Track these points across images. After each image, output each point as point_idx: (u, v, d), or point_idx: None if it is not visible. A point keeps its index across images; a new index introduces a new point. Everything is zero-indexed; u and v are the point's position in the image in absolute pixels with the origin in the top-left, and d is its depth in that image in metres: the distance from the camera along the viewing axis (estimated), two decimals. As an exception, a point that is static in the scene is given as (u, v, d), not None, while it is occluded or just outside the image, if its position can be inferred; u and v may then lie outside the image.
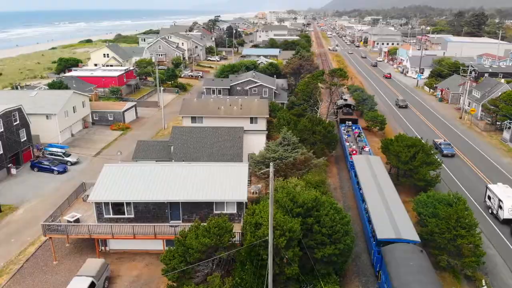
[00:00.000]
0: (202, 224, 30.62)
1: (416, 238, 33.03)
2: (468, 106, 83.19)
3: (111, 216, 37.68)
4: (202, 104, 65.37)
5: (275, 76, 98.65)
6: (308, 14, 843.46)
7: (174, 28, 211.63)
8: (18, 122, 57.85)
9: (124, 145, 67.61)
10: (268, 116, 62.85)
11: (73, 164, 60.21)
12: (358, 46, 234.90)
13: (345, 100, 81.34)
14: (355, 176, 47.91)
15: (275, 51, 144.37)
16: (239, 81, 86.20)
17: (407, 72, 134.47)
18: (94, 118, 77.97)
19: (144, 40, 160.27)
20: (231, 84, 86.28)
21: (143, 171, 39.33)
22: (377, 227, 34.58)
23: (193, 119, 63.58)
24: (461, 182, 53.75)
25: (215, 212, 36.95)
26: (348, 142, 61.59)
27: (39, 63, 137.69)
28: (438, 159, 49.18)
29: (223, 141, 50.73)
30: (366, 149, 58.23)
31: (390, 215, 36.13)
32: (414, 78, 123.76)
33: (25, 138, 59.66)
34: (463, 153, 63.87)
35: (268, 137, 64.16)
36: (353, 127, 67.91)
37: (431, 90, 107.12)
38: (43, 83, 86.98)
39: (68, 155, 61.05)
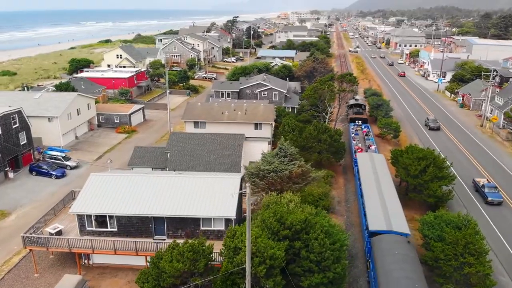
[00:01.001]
0: (184, 242, 28.17)
1: (407, 230, 34.25)
2: (490, 113, 78.41)
3: (94, 229, 35.78)
4: (206, 109, 63.25)
5: (287, 79, 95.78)
6: (331, 14, 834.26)
7: (193, 29, 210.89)
8: (17, 125, 56.82)
9: (127, 149, 65.91)
10: (273, 122, 60.26)
11: (72, 168, 58.89)
12: (379, 48, 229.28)
13: (356, 100, 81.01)
14: (358, 172, 48.18)
15: (291, 53, 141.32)
16: (249, 84, 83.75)
17: (428, 75, 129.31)
18: (100, 121, 76.82)
19: (161, 41, 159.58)
20: (240, 87, 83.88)
21: (130, 182, 37.27)
22: (370, 219, 36.19)
23: (196, 124, 61.66)
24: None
25: (202, 228, 34.64)
26: (355, 140, 62.04)
27: (56, 63, 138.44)
28: (452, 173, 45.42)
29: (222, 149, 48.35)
30: (372, 147, 58.60)
31: (384, 208, 37.59)
32: (435, 82, 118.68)
33: (25, 141, 58.62)
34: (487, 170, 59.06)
35: (275, 144, 61.54)
36: (363, 126, 68.25)
37: (452, 95, 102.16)
38: (55, 84, 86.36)
39: (68, 159, 59.79)
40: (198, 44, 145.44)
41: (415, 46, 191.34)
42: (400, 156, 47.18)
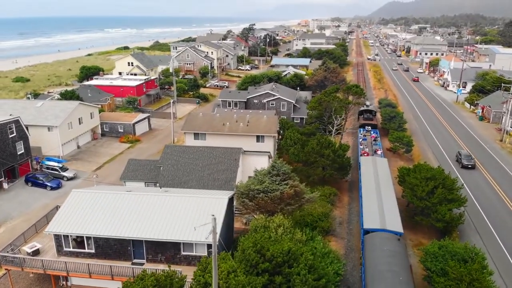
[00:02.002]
0: (150, 274, 25.63)
1: (400, 229, 35.83)
2: (511, 127, 73.78)
3: (71, 249, 33.74)
4: (207, 120, 61.01)
5: (298, 88, 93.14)
6: (353, 21, 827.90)
7: (209, 36, 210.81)
8: (14, 134, 55.69)
9: (126, 160, 64.08)
10: (275, 134, 57.56)
11: (69, 179, 57.39)
12: (399, 56, 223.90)
13: (367, 106, 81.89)
14: (360, 175, 49.15)
15: (305, 61, 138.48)
16: (256, 94, 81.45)
17: (448, 85, 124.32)
18: (105, 129, 75.60)
19: (176, 49, 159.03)
20: (247, 97, 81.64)
21: (111, 200, 35.15)
22: (366, 218, 38.12)
23: (196, 135, 59.43)
24: None
25: (183, 253, 32.19)
26: (362, 145, 62.98)
27: (70, 69, 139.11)
28: (463, 195, 41.76)
29: (217, 163, 45.86)
30: (379, 152, 59.69)
31: (380, 208, 39.19)
32: (454, 92, 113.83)
33: (23, 151, 57.45)
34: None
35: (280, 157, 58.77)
36: (372, 132, 69.32)
37: (471, 107, 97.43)
38: (60, 92, 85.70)
39: (65, 170, 58.40)
40: (212, 52, 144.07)
41: (436, 54, 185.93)
42: (407, 175, 43.81)
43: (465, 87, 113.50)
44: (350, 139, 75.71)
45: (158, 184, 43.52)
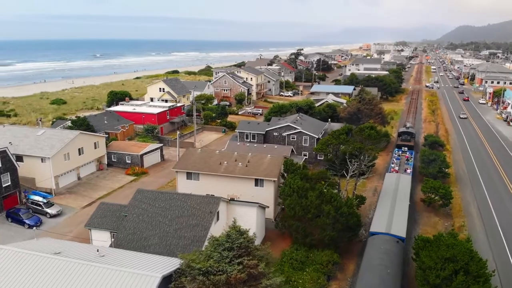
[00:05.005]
0: None
1: (403, 234, 38.56)
2: None
3: (-25, 324, 27.74)
4: (203, 157, 54.31)
5: (329, 120, 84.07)
6: (420, 46, 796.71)
7: (258, 62, 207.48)
8: (0, 166, 52.33)
9: (123, 196, 58.48)
10: (276, 178, 49.29)
11: (52, 216, 52.82)
12: (462, 84, 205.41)
13: (407, 128, 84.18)
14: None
15: (348, 89, 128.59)
16: (276, 126, 73.71)
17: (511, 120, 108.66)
18: (113, 160, 71.39)
19: (217, 74, 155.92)
20: (267, 129, 74.09)
21: (32, 265, 29.02)
22: (374, 222, 41.54)
23: (189, 175, 52.89)
24: None
25: None
26: (394, 164, 64.31)
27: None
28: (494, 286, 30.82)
29: (188, 216, 38.52)
30: (408, 171, 61.02)
31: (390, 216, 42.28)
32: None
33: (9, 183, 53.94)
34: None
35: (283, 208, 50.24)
36: (407, 152, 71.02)
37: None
38: (71, 119, 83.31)
39: (50, 205, 54.00)
40: (251, 78, 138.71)
41: (504, 83, 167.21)
42: (422, 250, 33.67)
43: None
44: (381, 184, 65.25)
45: (112, 240, 36.92)
